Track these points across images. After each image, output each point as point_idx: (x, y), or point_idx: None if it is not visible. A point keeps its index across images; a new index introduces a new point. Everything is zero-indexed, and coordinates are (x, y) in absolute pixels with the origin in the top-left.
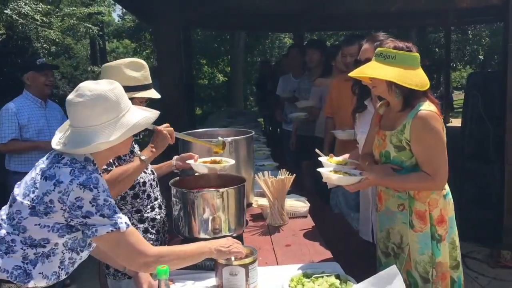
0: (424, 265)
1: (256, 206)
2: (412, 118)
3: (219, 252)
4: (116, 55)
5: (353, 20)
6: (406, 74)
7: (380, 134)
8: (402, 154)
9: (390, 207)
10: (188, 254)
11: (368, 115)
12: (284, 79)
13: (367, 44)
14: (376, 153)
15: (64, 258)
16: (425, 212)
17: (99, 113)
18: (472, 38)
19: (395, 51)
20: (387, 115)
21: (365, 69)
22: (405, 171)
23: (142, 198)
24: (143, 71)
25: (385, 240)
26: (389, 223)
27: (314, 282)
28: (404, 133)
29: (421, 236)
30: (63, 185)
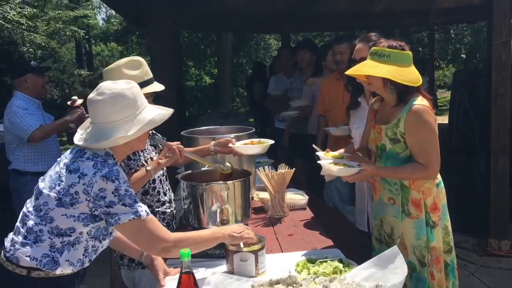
0: (420, 250)
1: (258, 199)
2: (407, 112)
3: (232, 237)
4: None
5: (337, 21)
6: (400, 71)
7: (376, 128)
8: (397, 146)
9: (383, 198)
10: (203, 239)
11: (362, 111)
12: (275, 79)
13: (361, 44)
14: (373, 145)
15: (88, 246)
16: (420, 200)
17: (118, 110)
18: (454, 37)
19: (390, 49)
20: (381, 110)
21: (361, 67)
22: (400, 163)
23: (152, 195)
24: (141, 68)
25: (379, 227)
26: (382, 213)
27: (319, 266)
28: (399, 126)
29: (417, 223)
30: (87, 177)
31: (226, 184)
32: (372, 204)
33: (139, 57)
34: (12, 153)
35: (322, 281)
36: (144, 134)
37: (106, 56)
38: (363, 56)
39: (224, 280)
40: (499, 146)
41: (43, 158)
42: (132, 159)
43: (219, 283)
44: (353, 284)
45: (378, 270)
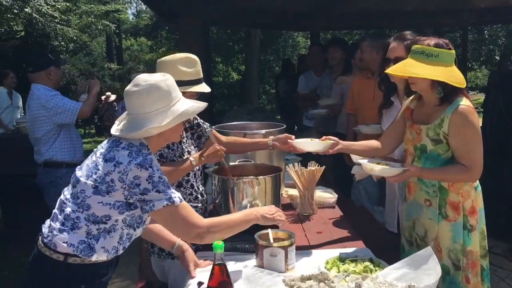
0: (456, 253)
1: (286, 196)
2: (451, 112)
3: (265, 219)
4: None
5: (367, 19)
6: (449, 71)
7: (415, 127)
8: (439, 147)
9: (418, 199)
10: (236, 222)
11: (395, 111)
12: (305, 76)
13: (396, 43)
14: (410, 146)
15: (123, 234)
16: (459, 203)
17: (152, 101)
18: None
19: (438, 49)
20: (419, 109)
21: (409, 67)
22: (440, 164)
23: (186, 187)
24: (195, 66)
25: (410, 229)
26: (416, 214)
27: (349, 264)
28: (442, 127)
29: (454, 226)
30: (122, 165)
31: (257, 179)
32: (404, 205)
33: (194, 56)
34: (46, 143)
35: (353, 279)
36: (178, 126)
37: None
38: (398, 55)
39: (256, 273)
40: None
41: (76, 147)
42: (171, 148)
43: (250, 276)
44: (386, 283)
45: (411, 270)
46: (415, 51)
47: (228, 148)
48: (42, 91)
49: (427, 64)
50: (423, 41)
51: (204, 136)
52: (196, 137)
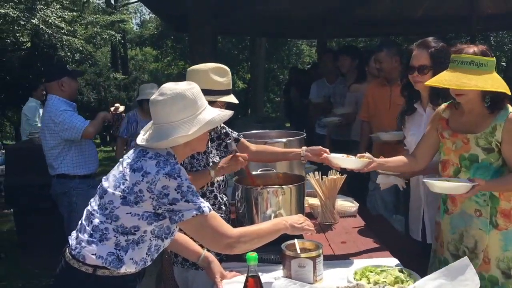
0: (507, 262)
1: (307, 205)
2: (505, 120)
3: (294, 228)
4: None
5: (373, 27)
6: (499, 80)
7: (459, 137)
8: (491, 156)
9: (467, 210)
10: (266, 231)
11: (418, 117)
12: (318, 84)
13: (419, 50)
14: (453, 156)
15: (151, 245)
16: (510, 210)
17: (178, 110)
18: (494, 44)
19: (486, 58)
20: (457, 118)
21: (464, 79)
22: (492, 173)
23: (209, 198)
24: (227, 76)
25: (456, 242)
26: (464, 225)
27: (379, 275)
28: (495, 135)
29: (505, 234)
30: (150, 175)
31: (282, 189)
32: (446, 218)
33: (225, 66)
34: (57, 158)
35: None
36: (204, 135)
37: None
38: (422, 63)
39: (288, 285)
40: None
41: (89, 160)
42: (195, 158)
43: (283, 287)
44: None
45: (447, 281)
46: (463, 60)
47: (257, 157)
48: (55, 103)
49: (479, 75)
50: (466, 49)
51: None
52: (224, 147)
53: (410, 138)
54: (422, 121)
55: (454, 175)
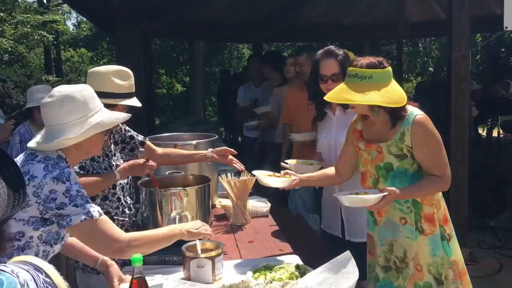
0: (436, 267)
1: (220, 206)
2: (411, 124)
3: (190, 233)
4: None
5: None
6: (386, 93)
7: (373, 147)
8: (405, 162)
9: (392, 219)
10: (160, 237)
11: (328, 121)
12: (245, 88)
13: (327, 59)
14: (371, 166)
15: (39, 251)
16: (433, 214)
17: (66, 112)
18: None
19: (371, 70)
20: (369, 128)
21: (345, 94)
22: (409, 179)
23: (112, 201)
24: (129, 80)
25: (386, 253)
26: (392, 236)
27: (276, 272)
28: (404, 140)
29: (431, 239)
30: (37, 179)
31: (186, 190)
32: (375, 230)
33: (128, 69)
34: None
35: (275, 286)
36: (98, 138)
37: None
38: (334, 72)
39: (178, 286)
40: (459, 155)
41: None
42: (96, 160)
43: None
44: None
45: (331, 275)
46: (350, 74)
47: (164, 160)
48: None
49: (362, 88)
50: (356, 61)
51: (137, 148)
52: (129, 150)
53: (322, 141)
54: (333, 125)
55: (373, 185)
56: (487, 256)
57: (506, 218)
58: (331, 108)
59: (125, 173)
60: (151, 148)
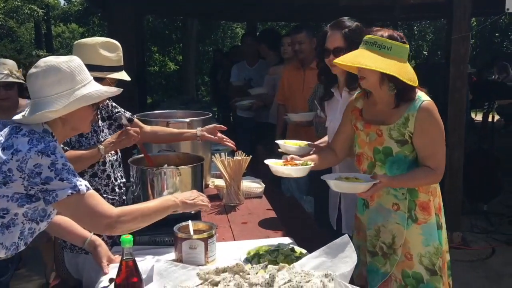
0: (430, 257)
1: (213, 186)
2: (417, 109)
3: (185, 204)
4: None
5: (303, 12)
6: (402, 67)
7: (372, 128)
8: (405, 149)
9: (384, 204)
10: (152, 209)
11: (335, 103)
12: (238, 67)
13: (333, 31)
14: (368, 149)
15: (24, 229)
16: (429, 202)
17: (51, 83)
18: (417, 34)
19: (391, 41)
20: (370, 108)
21: (358, 58)
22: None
23: (101, 178)
24: (117, 52)
25: (373, 238)
26: (381, 221)
27: (270, 255)
28: (408, 126)
29: (425, 228)
30: (21, 153)
31: (178, 169)
32: (364, 213)
33: (116, 41)
34: None
35: (270, 269)
36: (86, 113)
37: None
38: (337, 45)
39: (169, 267)
40: (455, 139)
41: None
42: (84, 136)
43: (163, 270)
44: (302, 272)
45: (328, 259)
46: (367, 41)
47: (153, 138)
48: None
49: (379, 56)
50: (376, 31)
51: (124, 125)
52: (116, 127)
53: (328, 124)
54: (338, 107)
55: (369, 169)
56: (479, 240)
57: (499, 202)
58: (338, 88)
59: (111, 147)
60: (139, 126)
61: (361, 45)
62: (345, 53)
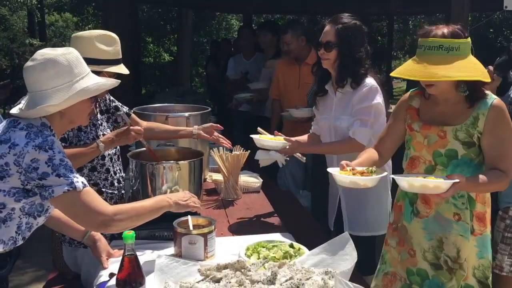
0: (483, 270)
1: (211, 181)
2: (488, 108)
3: (178, 205)
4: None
5: (299, 5)
6: (475, 66)
7: (433, 130)
8: (471, 151)
9: (443, 213)
10: (147, 209)
11: (329, 100)
12: (235, 60)
13: (329, 26)
14: (426, 152)
15: (21, 223)
16: (485, 213)
17: (49, 77)
18: (412, 28)
19: (458, 40)
20: (429, 107)
21: (434, 70)
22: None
23: (100, 172)
24: (114, 45)
25: (435, 249)
26: (442, 231)
27: (269, 250)
28: (477, 126)
29: (480, 240)
30: (18, 147)
31: (178, 164)
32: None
33: (114, 34)
34: None
35: (271, 266)
36: (84, 106)
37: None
38: (328, 39)
39: (170, 263)
40: None
41: None
42: (83, 130)
43: (164, 266)
44: (302, 270)
45: (328, 256)
46: (430, 45)
47: (148, 134)
48: None
49: (450, 62)
50: (434, 31)
51: (123, 120)
52: (113, 121)
53: (322, 122)
54: (333, 104)
55: (426, 173)
56: None
57: None
58: (332, 85)
59: (110, 144)
60: (135, 121)
61: (422, 51)
62: (334, 48)
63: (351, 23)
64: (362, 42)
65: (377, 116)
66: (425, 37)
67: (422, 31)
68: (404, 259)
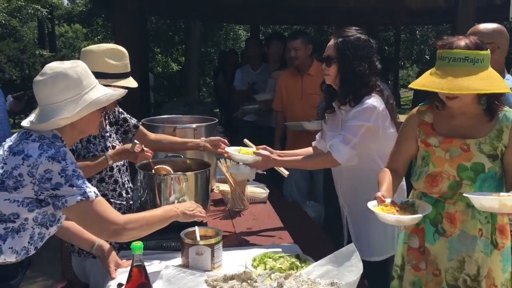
0: (507, 285)
1: (218, 191)
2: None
3: (185, 215)
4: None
5: (306, 15)
6: (498, 78)
7: (455, 143)
8: (496, 164)
9: (469, 231)
10: (156, 219)
11: (337, 118)
12: (242, 71)
13: (332, 40)
14: (449, 166)
15: (34, 233)
16: (506, 224)
17: (59, 90)
18: (419, 38)
19: (482, 52)
20: (445, 120)
21: (461, 82)
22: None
23: (108, 183)
24: (123, 60)
25: (455, 271)
26: (465, 250)
27: (276, 261)
28: (502, 139)
29: (503, 254)
30: (31, 159)
31: (185, 175)
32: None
33: (122, 48)
34: None
35: (277, 277)
36: (93, 117)
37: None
38: (328, 54)
39: (177, 274)
40: None
41: None
42: (92, 142)
43: (171, 277)
44: (308, 281)
45: (334, 267)
46: (455, 57)
47: (155, 146)
48: None
49: (475, 74)
50: (457, 42)
51: (131, 131)
52: (122, 132)
53: (328, 139)
54: (339, 122)
55: (450, 190)
56: None
57: None
58: (337, 102)
59: (117, 158)
60: (143, 133)
61: (446, 62)
62: (333, 62)
63: (354, 36)
64: (365, 56)
65: (366, 138)
66: (448, 49)
67: (442, 42)
68: (429, 280)
